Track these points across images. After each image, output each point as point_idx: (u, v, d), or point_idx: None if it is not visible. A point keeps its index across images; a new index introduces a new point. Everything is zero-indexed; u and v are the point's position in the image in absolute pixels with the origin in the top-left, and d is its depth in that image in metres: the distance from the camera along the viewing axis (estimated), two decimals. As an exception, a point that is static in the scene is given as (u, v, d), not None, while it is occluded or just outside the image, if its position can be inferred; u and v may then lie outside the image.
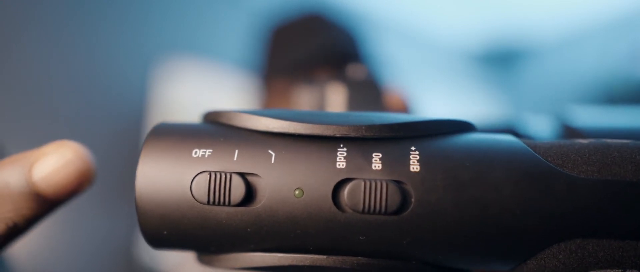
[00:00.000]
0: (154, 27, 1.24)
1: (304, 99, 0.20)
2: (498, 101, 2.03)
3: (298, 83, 0.53)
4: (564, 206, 0.12)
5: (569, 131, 0.17)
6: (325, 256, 0.13)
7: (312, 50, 0.53)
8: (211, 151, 0.13)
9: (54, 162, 0.14)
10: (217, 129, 0.14)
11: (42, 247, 0.98)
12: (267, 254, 0.13)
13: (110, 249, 1.12)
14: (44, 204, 0.14)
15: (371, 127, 0.13)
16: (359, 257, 0.13)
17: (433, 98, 1.64)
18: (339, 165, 0.13)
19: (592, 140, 0.13)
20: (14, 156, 0.15)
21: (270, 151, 0.13)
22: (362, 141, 0.13)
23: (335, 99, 0.19)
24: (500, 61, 2.06)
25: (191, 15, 1.30)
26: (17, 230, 0.14)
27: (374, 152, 0.13)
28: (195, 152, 0.13)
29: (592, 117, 0.17)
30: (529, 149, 0.13)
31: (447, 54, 1.95)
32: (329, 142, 0.13)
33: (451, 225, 0.12)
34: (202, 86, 1.28)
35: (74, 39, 1.12)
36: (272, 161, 0.13)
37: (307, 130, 0.13)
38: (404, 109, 0.21)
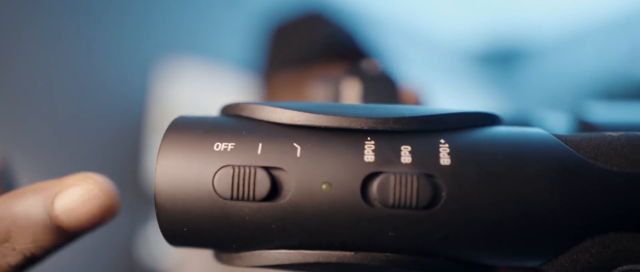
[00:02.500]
0: (154, 27, 1.24)
1: (318, 94, 0.20)
2: (498, 101, 2.03)
3: (307, 79, 0.53)
4: (597, 200, 0.12)
5: (586, 126, 0.16)
6: (352, 253, 0.12)
7: (311, 47, 0.53)
8: (233, 144, 0.13)
9: (77, 196, 0.14)
10: (238, 122, 0.14)
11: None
12: (292, 251, 0.13)
13: (110, 249, 1.12)
14: (63, 237, 0.14)
15: (399, 119, 0.13)
16: (387, 253, 0.12)
17: (433, 98, 1.64)
18: (367, 158, 0.12)
19: (622, 133, 0.13)
20: (35, 185, 0.14)
21: (295, 144, 0.12)
22: (390, 133, 0.13)
23: (350, 93, 0.19)
24: (501, 61, 2.06)
25: (191, 15, 1.30)
26: (34, 260, 0.14)
27: (402, 145, 0.12)
28: (217, 146, 0.13)
29: (609, 113, 0.17)
30: (561, 142, 0.13)
31: (448, 53, 1.95)
32: (355, 135, 0.13)
33: (483, 220, 0.12)
34: (202, 86, 1.28)
35: (74, 39, 1.11)
36: (298, 155, 0.12)
37: (334, 123, 0.13)
38: (417, 105, 0.21)
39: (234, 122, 0.14)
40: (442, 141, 0.12)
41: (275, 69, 0.55)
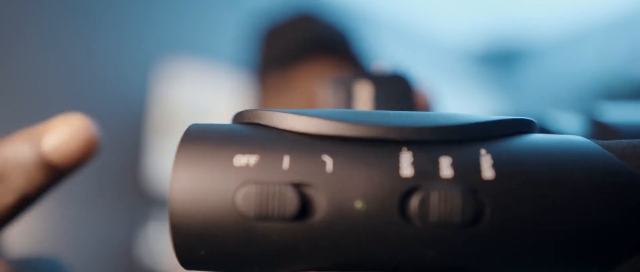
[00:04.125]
0: (154, 27, 1.24)
1: (329, 97, 0.19)
2: (498, 101, 2.03)
3: (300, 78, 0.52)
4: None
5: (600, 127, 0.16)
6: None
7: (303, 46, 0.53)
8: (256, 157, 0.11)
9: (62, 133, 0.15)
10: (258, 131, 0.12)
11: (43, 247, 0.98)
12: None
13: (110, 249, 1.12)
14: (54, 174, 0.15)
15: (436, 128, 0.12)
16: None
17: (440, 100, 1.64)
18: (405, 172, 0.11)
19: None
20: (22, 131, 0.15)
21: (325, 157, 0.11)
22: (427, 144, 0.12)
23: (363, 96, 0.18)
24: (501, 61, 2.06)
25: (191, 15, 1.30)
26: (28, 200, 0.15)
27: (441, 156, 0.11)
28: (238, 160, 0.11)
29: (623, 113, 0.17)
30: (606, 151, 0.12)
31: (448, 53, 1.95)
32: (390, 146, 0.11)
33: (528, 236, 0.11)
34: (202, 86, 1.28)
35: (74, 39, 1.12)
36: (329, 169, 0.11)
37: (365, 133, 0.12)
38: (428, 108, 0.20)
39: (253, 131, 0.12)
40: (483, 151, 0.11)
41: (268, 69, 0.55)
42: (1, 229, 0.15)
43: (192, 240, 0.11)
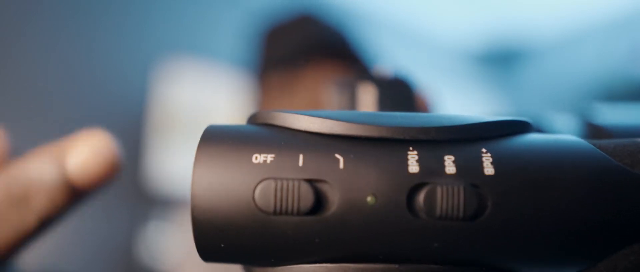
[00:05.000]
0: (154, 27, 1.24)
1: (333, 99, 0.20)
2: (498, 101, 2.03)
3: (300, 80, 0.53)
4: (638, 207, 0.12)
5: (594, 129, 0.17)
6: (396, 265, 0.12)
7: (304, 48, 0.53)
8: (273, 156, 0.12)
9: (86, 153, 0.14)
10: (273, 132, 0.13)
11: (42, 247, 0.98)
12: (332, 265, 0.12)
13: (110, 249, 1.12)
14: (76, 195, 0.15)
15: (440, 129, 0.13)
16: (431, 265, 0.12)
17: (440, 101, 1.64)
18: (412, 169, 0.12)
19: None
20: (45, 146, 0.15)
21: (337, 155, 0.12)
22: (432, 143, 0.12)
23: (366, 99, 0.19)
24: (501, 61, 2.06)
25: (191, 15, 1.30)
26: (49, 221, 0.14)
27: (445, 154, 0.12)
28: (256, 158, 0.12)
29: (617, 115, 0.17)
30: (598, 149, 0.13)
31: (448, 53, 1.95)
32: (397, 145, 0.12)
33: (527, 229, 0.12)
34: (202, 86, 1.28)
35: (74, 39, 1.12)
36: (341, 166, 0.12)
37: (375, 133, 0.12)
38: (428, 111, 0.21)
39: (269, 132, 0.13)
40: (483, 150, 0.12)
41: (268, 70, 0.55)
42: (21, 249, 0.15)
43: (212, 233, 0.12)
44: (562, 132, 0.19)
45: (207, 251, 0.13)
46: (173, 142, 1.22)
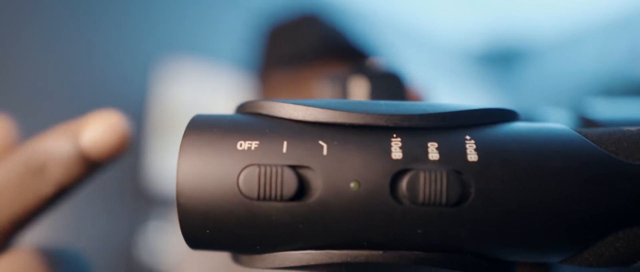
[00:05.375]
0: (154, 27, 1.24)
1: (325, 92, 0.20)
2: (498, 101, 2.03)
3: (303, 79, 0.53)
4: (622, 194, 0.12)
5: (588, 123, 0.17)
6: (380, 252, 0.12)
7: (308, 48, 0.53)
8: (257, 142, 0.12)
9: (99, 129, 0.16)
10: (259, 120, 0.13)
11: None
12: (317, 252, 0.12)
13: (110, 249, 1.12)
14: (90, 167, 0.16)
15: (424, 116, 0.13)
16: (415, 251, 0.12)
17: (435, 97, 1.64)
18: (395, 155, 0.12)
19: (639, 127, 0.13)
20: (62, 125, 0.16)
21: (321, 142, 0.12)
22: (415, 130, 0.12)
23: (358, 92, 0.19)
24: (501, 61, 2.06)
25: (191, 15, 1.30)
26: (65, 191, 0.16)
27: (429, 141, 0.12)
28: (240, 145, 0.12)
29: (610, 109, 0.17)
30: (583, 137, 0.13)
31: (448, 53, 1.95)
32: (381, 132, 0.12)
33: (511, 216, 0.12)
34: (202, 86, 1.28)
35: (74, 39, 1.12)
36: (324, 153, 0.12)
37: (358, 120, 0.13)
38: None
39: (254, 120, 0.13)
40: (467, 137, 0.12)
41: (271, 69, 0.55)
42: (39, 217, 0.16)
43: (198, 220, 0.12)
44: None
45: (193, 238, 0.13)
46: (173, 142, 1.22)
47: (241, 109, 0.14)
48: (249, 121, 0.13)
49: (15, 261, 0.15)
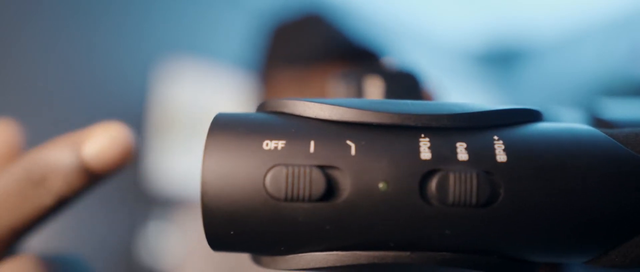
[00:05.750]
0: (154, 27, 1.24)
1: (340, 91, 0.19)
2: (498, 101, 2.03)
3: (306, 80, 0.52)
4: None
5: (601, 123, 0.16)
6: (407, 253, 0.12)
7: (311, 49, 0.53)
8: (284, 142, 0.12)
9: (102, 141, 0.16)
10: (284, 119, 0.13)
11: (42, 247, 0.98)
12: (343, 253, 0.12)
13: (111, 250, 1.12)
14: (91, 178, 0.16)
15: (452, 116, 0.12)
16: (443, 253, 0.12)
17: (445, 98, 1.64)
18: (424, 156, 0.12)
19: None
20: (64, 135, 0.16)
21: (348, 142, 0.12)
22: (443, 130, 0.12)
23: (373, 91, 0.18)
24: (501, 61, 2.06)
25: (191, 15, 1.30)
26: (65, 202, 0.16)
27: (457, 141, 0.12)
28: (267, 144, 0.12)
29: (623, 109, 0.17)
30: (610, 137, 0.12)
31: (448, 53, 1.95)
32: (409, 132, 0.12)
33: (539, 217, 0.12)
34: (202, 86, 1.28)
35: (74, 39, 1.12)
36: (353, 153, 0.12)
37: (385, 120, 0.12)
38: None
39: (279, 119, 0.13)
40: (495, 137, 0.12)
41: (274, 70, 0.55)
42: (38, 227, 0.16)
43: (222, 221, 0.12)
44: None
45: (216, 239, 0.12)
46: (173, 142, 1.22)
47: (263, 107, 0.14)
48: (274, 120, 0.13)
49: (15, 268, 0.15)
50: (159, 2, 1.26)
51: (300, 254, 0.12)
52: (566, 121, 0.18)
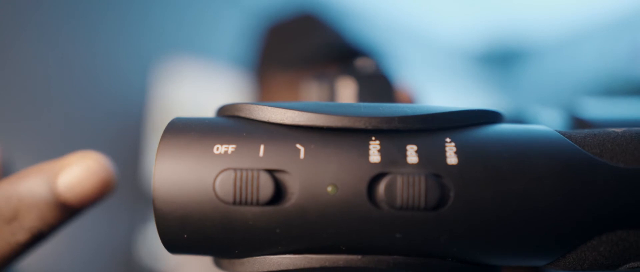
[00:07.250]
0: (154, 27, 1.24)
1: (312, 93, 0.19)
2: (498, 101, 2.03)
3: (303, 78, 0.52)
4: (605, 197, 0.11)
5: (579, 123, 0.16)
6: (359, 256, 0.12)
7: (306, 49, 0.53)
8: (234, 146, 0.12)
9: (78, 172, 0.15)
10: (237, 123, 0.13)
11: (42, 247, 0.98)
12: (296, 256, 0.12)
13: (110, 249, 1.12)
14: (67, 212, 0.15)
15: (403, 118, 0.12)
16: (394, 256, 0.12)
17: (430, 97, 1.64)
18: (373, 159, 0.12)
19: (625, 129, 0.13)
20: (37, 165, 0.15)
21: (298, 146, 0.12)
22: (394, 133, 0.12)
23: (345, 93, 0.18)
24: (501, 61, 2.06)
25: (191, 15, 1.30)
26: (40, 237, 0.15)
27: (408, 144, 0.12)
28: (217, 149, 0.12)
29: (601, 109, 0.17)
30: (566, 138, 0.12)
31: (448, 53, 1.95)
32: (359, 135, 0.12)
33: (491, 220, 0.11)
34: (202, 86, 1.28)
35: (74, 39, 1.11)
36: (301, 156, 0.12)
37: (336, 123, 0.12)
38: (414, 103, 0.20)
39: (232, 123, 0.13)
40: (447, 139, 0.12)
41: (270, 70, 0.55)
42: (12, 263, 0.15)
43: (175, 225, 0.12)
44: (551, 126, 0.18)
45: (171, 242, 0.13)
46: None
47: (221, 111, 0.14)
48: (227, 124, 0.13)
49: None
50: (159, 2, 1.26)
51: (255, 257, 0.13)
52: (544, 121, 0.18)
